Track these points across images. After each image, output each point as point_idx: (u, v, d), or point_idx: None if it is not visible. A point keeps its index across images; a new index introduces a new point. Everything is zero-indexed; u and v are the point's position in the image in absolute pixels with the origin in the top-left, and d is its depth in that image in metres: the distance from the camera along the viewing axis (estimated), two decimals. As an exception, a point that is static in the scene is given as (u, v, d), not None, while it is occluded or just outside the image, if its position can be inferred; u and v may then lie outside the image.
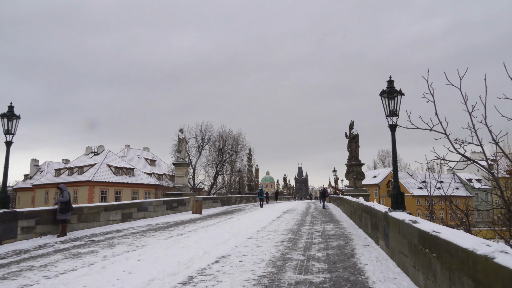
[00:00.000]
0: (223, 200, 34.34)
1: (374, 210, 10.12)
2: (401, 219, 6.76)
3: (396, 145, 8.72)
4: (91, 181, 54.85)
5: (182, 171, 26.63)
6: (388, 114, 8.79)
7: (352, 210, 16.65)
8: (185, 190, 26.20)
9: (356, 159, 24.96)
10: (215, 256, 8.54)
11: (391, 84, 8.84)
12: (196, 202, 23.17)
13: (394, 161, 8.63)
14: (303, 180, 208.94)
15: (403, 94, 8.74)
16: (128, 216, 17.26)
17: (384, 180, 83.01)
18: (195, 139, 53.12)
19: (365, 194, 24.11)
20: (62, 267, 7.64)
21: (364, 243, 10.49)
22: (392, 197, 8.48)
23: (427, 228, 5.15)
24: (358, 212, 14.28)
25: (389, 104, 8.80)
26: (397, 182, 8.54)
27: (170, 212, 22.13)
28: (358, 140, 25.10)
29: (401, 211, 8.13)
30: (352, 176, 24.88)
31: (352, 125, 25.28)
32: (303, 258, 8.40)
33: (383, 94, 8.85)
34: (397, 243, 7.15)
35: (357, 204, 14.79)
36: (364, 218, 12.57)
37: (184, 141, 26.67)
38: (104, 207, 15.44)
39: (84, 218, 14.13)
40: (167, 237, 12.18)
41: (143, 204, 18.87)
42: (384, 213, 8.55)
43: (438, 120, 6.31)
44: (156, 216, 20.09)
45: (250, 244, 10.38)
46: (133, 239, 11.70)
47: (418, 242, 5.54)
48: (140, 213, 18.46)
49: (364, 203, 12.56)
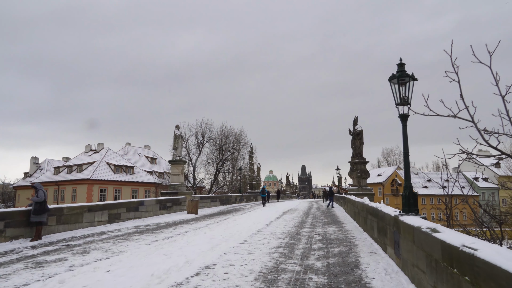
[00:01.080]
0: (222, 199, 33.18)
1: (382, 213, 8.91)
2: (416, 226, 5.57)
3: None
4: (89, 179, 53.91)
5: (178, 169, 25.50)
6: (399, 102, 7.59)
7: (356, 211, 15.43)
8: (181, 189, 25.07)
9: (360, 157, 23.71)
10: (197, 267, 7.38)
11: (401, 68, 7.62)
12: (191, 202, 22.04)
13: (406, 156, 7.43)
14: (306, 178, 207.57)
15: (415, 79, 7.52)
16: (116, 217, 16.14)
17: (389, 178, 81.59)
18: (195, 136, 52.03)
19: (370, 194, 22.90)
20: (14, 280, 6.50)
21: (370, 250, 9.29)
22: (403, 199, 7.28)
23: (455, 241, 3.96)
24: (363, 214, 13.07)
25: (400, 90, 7.59)
26: (409, 181, 7.34)
27: (164, 212, 21.01)
28: (362, 137, 23.84)
29: (413, 215, 6.93)
30: (356, 174, 23.64)
31: (356, 121, 24.03)
32: (299, 269, 7.22)
33: (393, 79, 7.64)
34: (411, 254, 5.96)
35: (361, 205, 13.58)
36: (369, 221, 11.37)
37: (180, 138, 25.53)
38: (88, 208, 14.32)
39: (65, 220, 13.01)
40: (151, 241, 11.04)
41: (133, 204, 17.74)
42: (394, 217, 7.35)
43: (463, 105, 5.11)
44: (148, 217, 18.98)
45: (241, 251, 9.21)
46: (113, 244, 10.57)
47: (441, 258, 4.35)
48: (130, 214, 17.33)
49: (369, 205, 11.36)
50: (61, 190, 58.47)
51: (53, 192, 59.63)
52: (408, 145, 7.46)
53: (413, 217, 6.62)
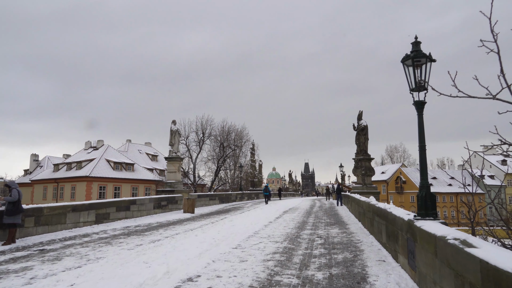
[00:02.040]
0: (221, 198, 32.15)
1: (392, 216, 7.82)
2: (440, 236, 4.49)
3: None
4: (88, 177, 53.04)
5: (175, 166, 24.47)
6: (413, 87, 6.47)
7: (361, 211, 14.33)
8: (178, 186, 24.05)
9: (365, 153, 22.55)
10: (177, 279, 6.33)
11: (417, 47, 6.50)
12: (188, 200, 21.01)
13: (422, 151, 6.32)
14: (309, 176, 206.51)
15: (433, 60, 6.41)
16: (105, 217, 15.12)
17: (393, 176, 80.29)
18: (196, 133, 51.06)
19: (375, 192, 21.75)
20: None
21: (378, 257, 8.21)
22: (418, 200, 6.19)
23: (504, 263, 2.88)
24: (369, 215, 11.97)
25: (415, 73, 6.47)
26: (426, 180, 6.24)
27: (159, 211, 20.00)
28: (367, 132, 22.65)
29: (432, 220, 5.84)
30: (360, 171, 22.49)
31: (361, 116, 22.84)
32: (296, 283, 6.16)
33: (406, 60, 6.52)
34: (431, 269, 4.88)
35: (367, 205, 12.48)
36: (376, 223, 10.27)
37: (177, 134, 24.47)
38: (72, 207, 13.30)
39: (45, 221, 12.00)
40: (136, 245, 10.00)
41: (124, 203, 16.71)
42: (408, 222, 6.26)
43: (505, 83, 4.00)
44: (140, 216, 17.97)
45: (232, 258, 8.16)
46: (92, 248, 9.54)
47: (480, 283, 3.27)
48: (120, 213, 16.32)
49: (376, 205, 10.25)
50: (60, 188, 57.69)
51: (52, 189, 58.91)
52: (424, 137, 6.36)
53: (432, 222, 5.53)
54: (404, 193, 77.54)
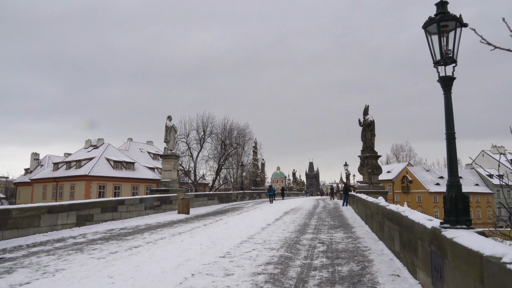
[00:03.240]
0: (221, 197, 30.84)
1: (408, 221, 6.43)
2: (488, 256, 3.12)
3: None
4: (88, 176, 52.01)
5: (170, 164, 23.19)
6: (439, 59, 5.10)
7: (369, 213, 12.93)
8: (173, 186, 22.77)
9: (372, 150, 21.11)
10: (139, 303, 5.01)
11: (443, 8, 5.12)
12: (182, 201, 19.72)
13: (450, 139, 4.94)
14: (314, 175, 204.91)
15: (465, 25, 5.02)
16: (87, 219, 13.86)
17: (399, 175, 78.63)
18: (196, 131, 49.83)
19: (383, 192, 20.32)
20: None
21: (391, 271, 6.84)
22: (446, 203, 4.82)
23: None
24: (378, 218, 10.58)
25: (440, 42, 5.10)
26: (456, 178, 4.87)
27: (151, 212, 18.72)
28: (374, 128, 21.20)
29: (465, 229, 4.47)
30: (366, 170, 21.06)
31: (367, 110, 21.40)
32: (289, 308, 4.81)
33: (430, 25, 5.14)
34: (473, 300, 3.51)
35: (375, 206, 11.09)
36: (387, 228, 8.89)
37: (172, 130, 23.18)
38: (48, 209, 12.03)
39: (13, 224, 10.73)
40: (110, 253, 8.70)
41: (110, 204, 15.43)
42: (432, 230, 4.89)
43: None
44: (130, 218, 16.70)
45: (216, 270, 6.83)
46: (58, 257, 8.25)
47: None
48: (106, 215, 15.04)
49: (387, 207, 8.87)
50: (59, 187, 56.72)
51: (52, 189, 57.97)
52: (453, 122, 4.98)
53: (468, 233, 4.15)
54: (411, 193, 75.88)
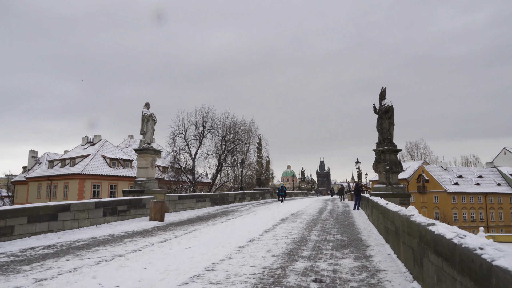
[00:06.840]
0: (214, 199, 27.04)
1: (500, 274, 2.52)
2: None
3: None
4: (81, 174, 48.92)
5: (147, 160, 19.51)
6: None
7: (392, 229, 8.86)
8: (150, 186, 19.12)
9: (390, 143, 17.04)
10: None
11: None
12: (155, 204, 15.99)
13: None
14: (325, 174, 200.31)
15: None
16: (5, 233, 10.20)
17: (414, 174, 73.87)
18: (195, 125, 46.20)
19: (404, 194, 16.26)
20: None
21: None
22: None
23: None
24: (410, 242, 6.58)
25: None
26: None
27: (113, 220, 15.04)
28: (392, 115, 17.12)
29: None
30: (383, 167, 16.98)
31: (384, 94, 17.33)
32: None
33: None
34: None
35: (403, 221, 7.07)
36: (435, 268, 4.94)
37: (150, 119, 19.48)
38: None
39: None
40: None
41: (45, 210, 11.73)
42: None
43: None
44: (78, 228, 13.03)
45: None
46: None
47: None
48: (38, 225, 11.38)
49: (433, 231, 4.89)
50: (53, 186, 53.75)
51: (46, 187, 55.07)
52: None
53: None
54: (427, 193, 71.18)
